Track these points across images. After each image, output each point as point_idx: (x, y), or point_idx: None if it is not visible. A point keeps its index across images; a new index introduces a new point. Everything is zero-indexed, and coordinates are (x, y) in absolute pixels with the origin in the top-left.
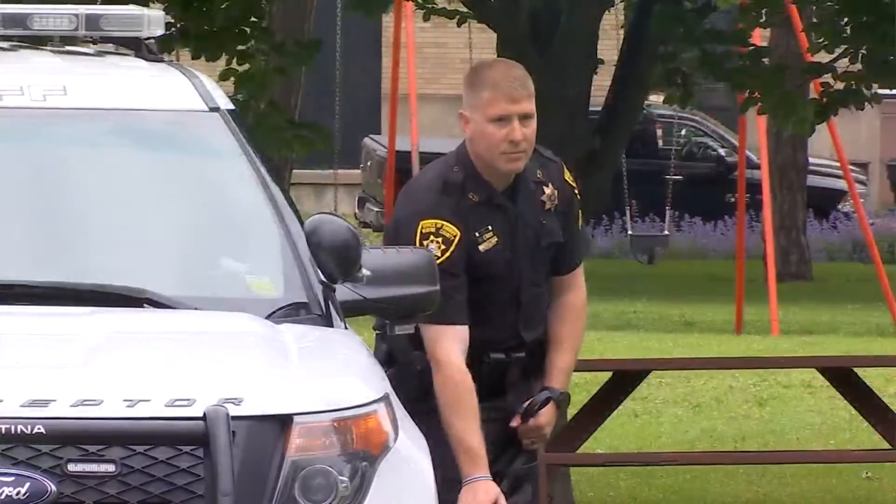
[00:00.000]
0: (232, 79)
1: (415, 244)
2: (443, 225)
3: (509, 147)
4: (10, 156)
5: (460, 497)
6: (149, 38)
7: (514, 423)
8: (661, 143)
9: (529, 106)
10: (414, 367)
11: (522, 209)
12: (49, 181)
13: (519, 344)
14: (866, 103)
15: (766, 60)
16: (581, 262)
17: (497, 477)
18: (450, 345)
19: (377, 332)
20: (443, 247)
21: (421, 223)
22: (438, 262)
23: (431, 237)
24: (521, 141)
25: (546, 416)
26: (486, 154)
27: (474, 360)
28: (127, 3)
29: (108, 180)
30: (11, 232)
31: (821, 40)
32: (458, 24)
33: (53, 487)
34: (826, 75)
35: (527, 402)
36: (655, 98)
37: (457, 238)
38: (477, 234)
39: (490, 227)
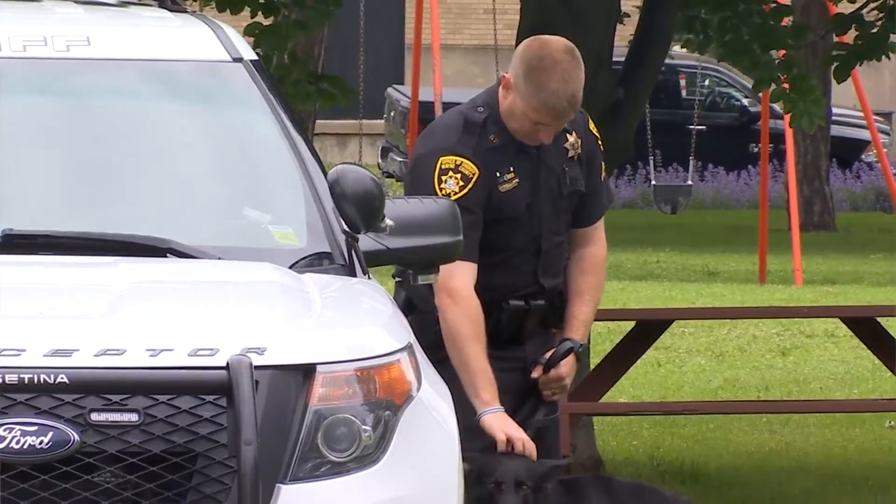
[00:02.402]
0: (256, 32)
1: (433, 180)
2: (462, 162)
3: (534, 141)
4: (32, 106)
5: (490, 422)
6: None
7: (536, 373)
8: (684, 93)
9: (570, 117)
10: (434, 314)
11: (545, 155)
12: (72, 132)
13: (538, 291)
14: (889, 53)
15: (789, 20)
16: (603, 215)
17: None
18: (464, 277)
19: (397, 279)
20: (461, 183)
21: (440, 159)
22: (455, 197)
23: (450, 173)
24: (548, 141)
25: (567, 367)
26: (512, 130)
27: (493, 305)
28: None
29: (130, 131)
30: (34, 183)
31: None
32: None
33: (76, 437)
34: (850, 28)
35: (548, 353)
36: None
37: (475, 176)
38: (498, 175)
39: (512, 169)
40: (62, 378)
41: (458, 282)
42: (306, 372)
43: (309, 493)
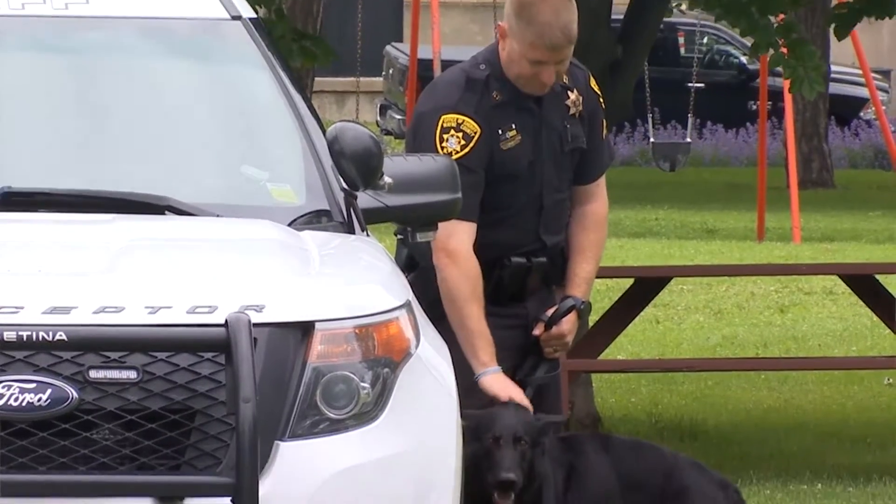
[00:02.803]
0: None
1: (435, 138)
2: (464, 121)
3: (538, 85)
4: (31, 64)
5: (489, 383)
6: None
7: (537, 331)
8: (682, 50)
9: (568, 52)
10: (435, 272)
11: (547, 112)
12: (70, 89)
13: (540, 248)
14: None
15: None
16: (604, 172)
17: (519, 386)
18: (463, 237)
19: (399, 237)
20: (462, 142)
21: (442, 117)
22: (457, 156)
23: (452, 131)
24: (550, 83)
25: (569, 324)
26: (514, 79)
27: (495, 263)
28: None
29: (129, 88)
30: (33, 140)
31: None
32: None
33: (75, 394)
34: None
35: (550, 311)
36: (677, 6)
37: (477, 135)
38: (500, 132)
39: (514, 126)
40: (61, 335)
41: (457, 241)
42: (305, 329)
43: (307, 450)
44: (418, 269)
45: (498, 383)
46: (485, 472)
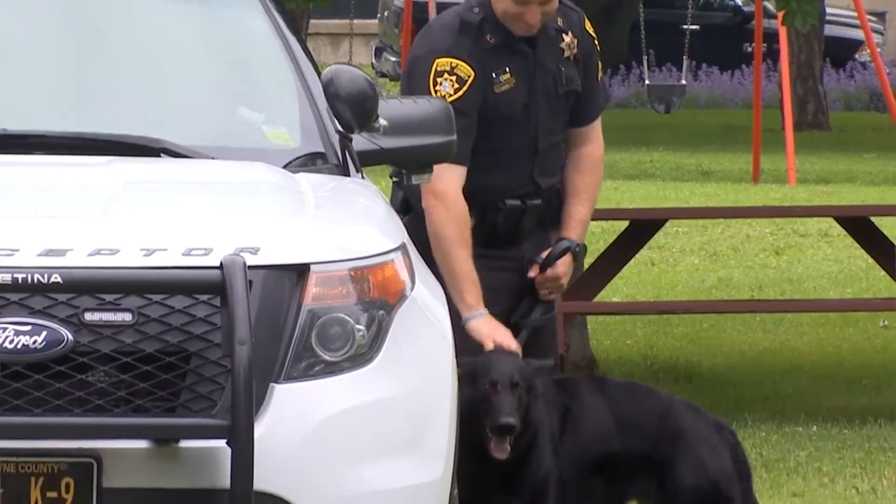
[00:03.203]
0: None
1: (429, 82)
2: (458, 64)
3: (523, 25)
4: (25, 5)
5: (477, 327)
6: None
7: (532, 272)
8: None
9: None
10: None
11: (541, 55)
12: (66, 32)
13: (535, 191)
14: None
15: None
16: (599, 114)
17: (514, 328)
18: (452, 180)
19: (394, 180)
20: (456, 85)
21: (436, 61)
22: (450, 99)
23: (445, 75)
24: (536, 24)
25: (564, 266)
26: (501, 17)
27: (489, 205)
28: None
29: (125, 31)
30: (28, 82)
31: None
32: None
33: (70, 336)
34: None
35: (545, 253)
36: None
37: (471, 78)
38: (494, 75)
39: (507, 69)
40: (56, 277)
41: (445, 184)
42: (300, 271)
43: (303, 393)
44: (412, 212)
45: (485, 327)
46: (482, 418)
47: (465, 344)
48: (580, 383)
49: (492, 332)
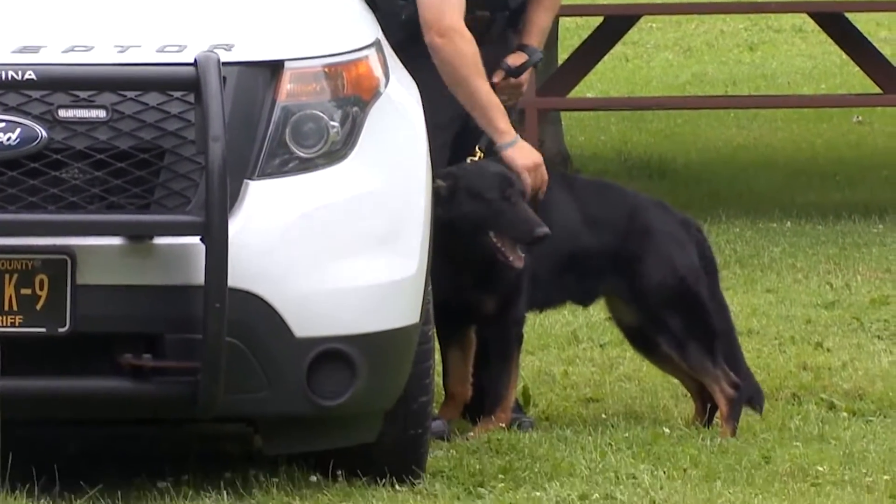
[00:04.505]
0: None
1: None
2: None
3: None
4: None
5: (511, 154)
6: None
7: (497, 78)
8: None
9: None
10: (399, 16)
11: None
12: None
13: (503, 4)
14: None
15: None
16: None
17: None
18: (455, 14)
19: None
20: None
21: None
22: None
23: None
24: None
25: (526, 74)
26: None
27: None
28: None
29: None
30: None
31: None
32: None
33: (44, 133)
34: None
35: (510, 59)
36: None
37: None
38: None
39: None
40: (30, 74)
41: (450, 19)
42: (274, 68)
43: (277, 189)
44: (379, 12)
45: (522, 154)
46: (505, 229)
47: (437, 140)
48: (550, 181)
49: (529, 155)
